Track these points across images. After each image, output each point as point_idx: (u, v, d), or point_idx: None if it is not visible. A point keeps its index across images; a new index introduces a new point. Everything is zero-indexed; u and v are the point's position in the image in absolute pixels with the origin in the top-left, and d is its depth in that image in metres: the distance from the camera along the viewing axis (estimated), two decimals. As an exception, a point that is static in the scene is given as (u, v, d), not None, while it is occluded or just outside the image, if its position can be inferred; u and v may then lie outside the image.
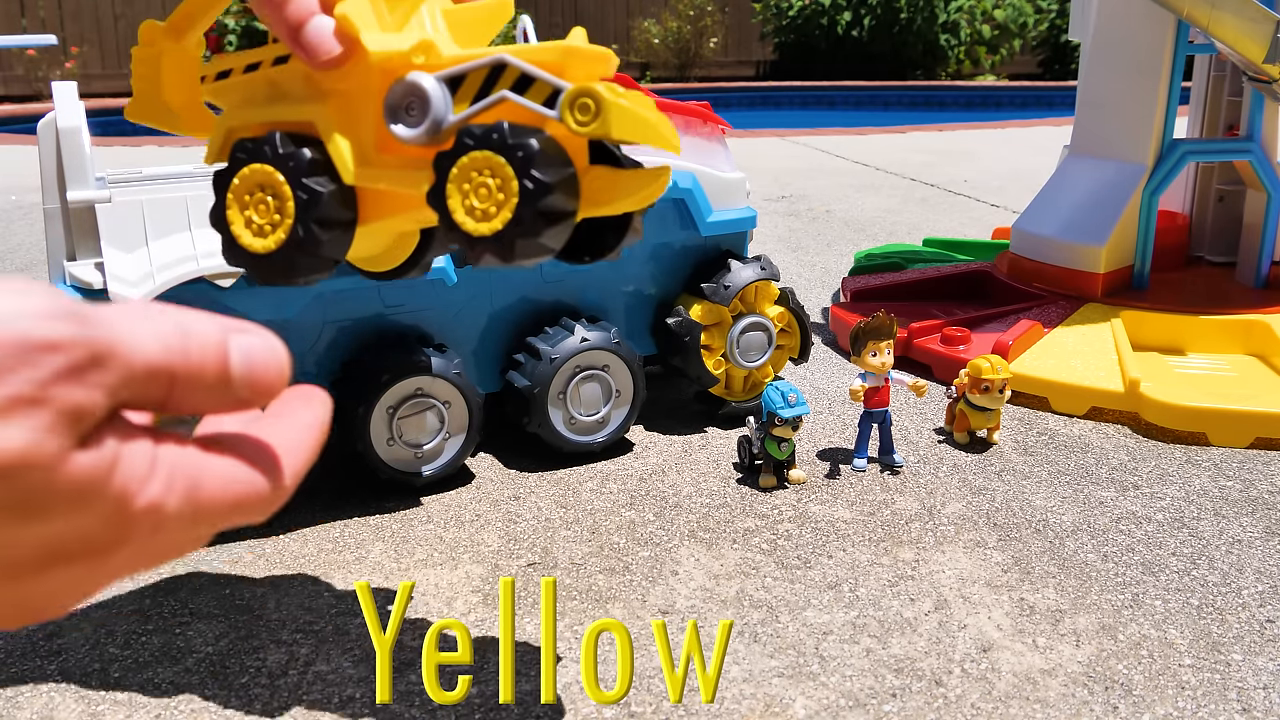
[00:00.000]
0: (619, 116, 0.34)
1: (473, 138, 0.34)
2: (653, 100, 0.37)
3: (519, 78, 0.35)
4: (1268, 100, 1.11)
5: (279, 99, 0.38)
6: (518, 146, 0.34)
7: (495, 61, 0.35)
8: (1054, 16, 7.08)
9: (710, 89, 6.13)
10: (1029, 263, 1.19)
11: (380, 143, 0.37)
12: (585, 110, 0.34)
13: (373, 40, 0.35)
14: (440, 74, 0.35)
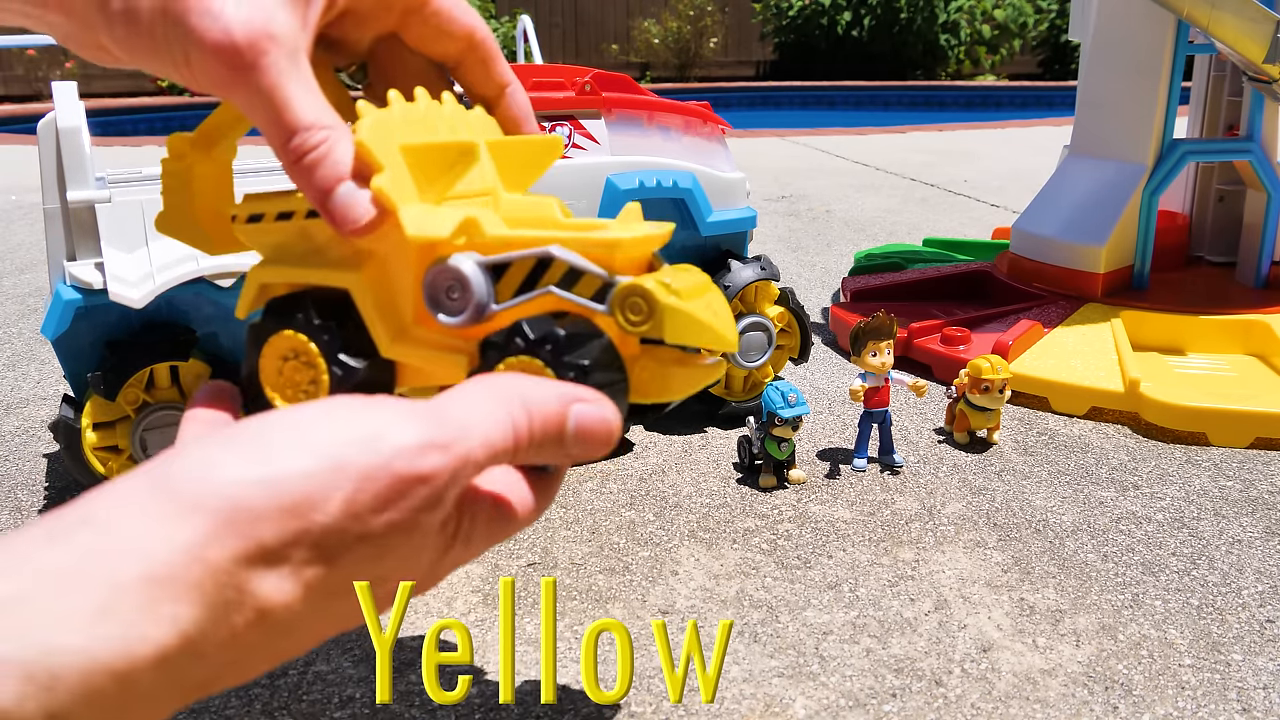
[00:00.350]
0: (673, 319, 0.32)
1: (525, 340, 0.32)
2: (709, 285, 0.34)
3: (567, 271, 0.33)
4: (1268, 100, 1.11)
5: (313, 256, 0.36)
6: (570, 366, 0.31)
7: (542, 255, 0.33)
8: (1054, 16, 7.08)
9: (710, 89, 6.13)
10: (1029, 263, 1.19)
11: (419, 314, 0.35)
12: (637, 310, 0.32)
13: (412, 219, 0.33)
14: (484, 260, 0.33)
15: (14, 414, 0.97)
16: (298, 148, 0.32)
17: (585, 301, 0.32)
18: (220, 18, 0.30)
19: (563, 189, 0.80)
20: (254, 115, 0.32)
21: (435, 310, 0.33)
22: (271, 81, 0.31)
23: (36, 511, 0.75)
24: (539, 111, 0.79)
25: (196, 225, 0.39)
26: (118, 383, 0.66)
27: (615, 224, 0.35)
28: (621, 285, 0.32)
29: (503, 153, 0.38)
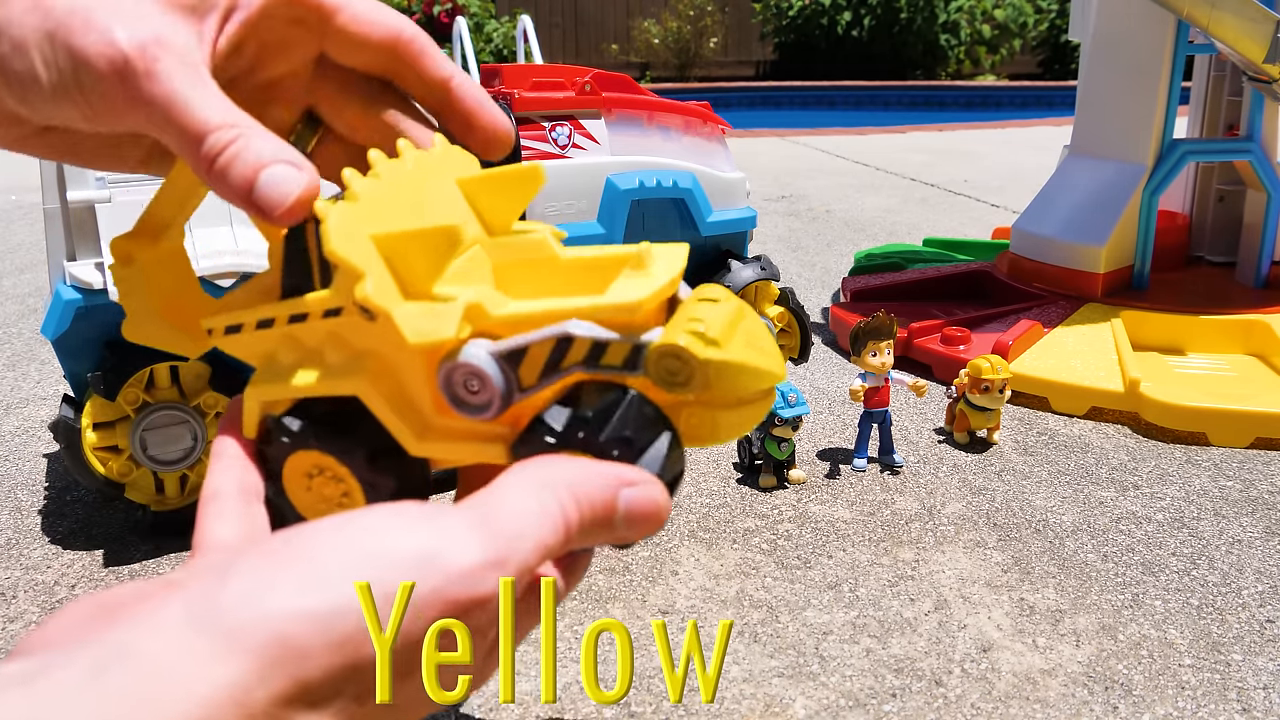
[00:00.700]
0: (719, 376, 0.29)
1: (554, 435, 0.30)
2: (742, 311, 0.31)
3: (591, 346, 0.30)
4: (1268, 100, 1.11)
5: (310, 365, 0.33)
6: (612, 444, 0.29)
7: (560, 335, 0.30)
8: (1054, 16, 7.08)
9: (710, 89, 6.13)
10: (1029, 263, 1.19)
11: (439, 404, 0.32)
12: (676, 371, 0.29)
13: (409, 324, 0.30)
14: (498, 349, 0.31)
15: (14, 414, 0.97)
16: (210, 150, 0.30)
17: (619, 371, 0.30)
18: (106, 32, 0.29)
19: (563, 189, 0.80)
20: (158, 128, 0.30)
21: (459, 408, 0.31)
22: (169, 87, 0.30)
23: (36, 511, 0.75)
24: (539, 112, 0.79)
25: (167, 326, 0.36)
26: (118, 383, 0.66)
27: (628, 269, 0.32)
28: (652, 348, 0.29)
29: (482, 189, 0.35)
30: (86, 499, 0.77)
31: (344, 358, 0.32)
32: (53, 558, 0.68)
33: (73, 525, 0.73)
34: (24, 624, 0.61)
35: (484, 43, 5.92)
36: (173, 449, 0.68)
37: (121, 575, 0.66)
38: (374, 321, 0.31)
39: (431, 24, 5.92)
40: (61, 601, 0.63)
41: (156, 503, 0.69)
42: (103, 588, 0.64)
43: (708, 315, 0.29)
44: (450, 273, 0.32)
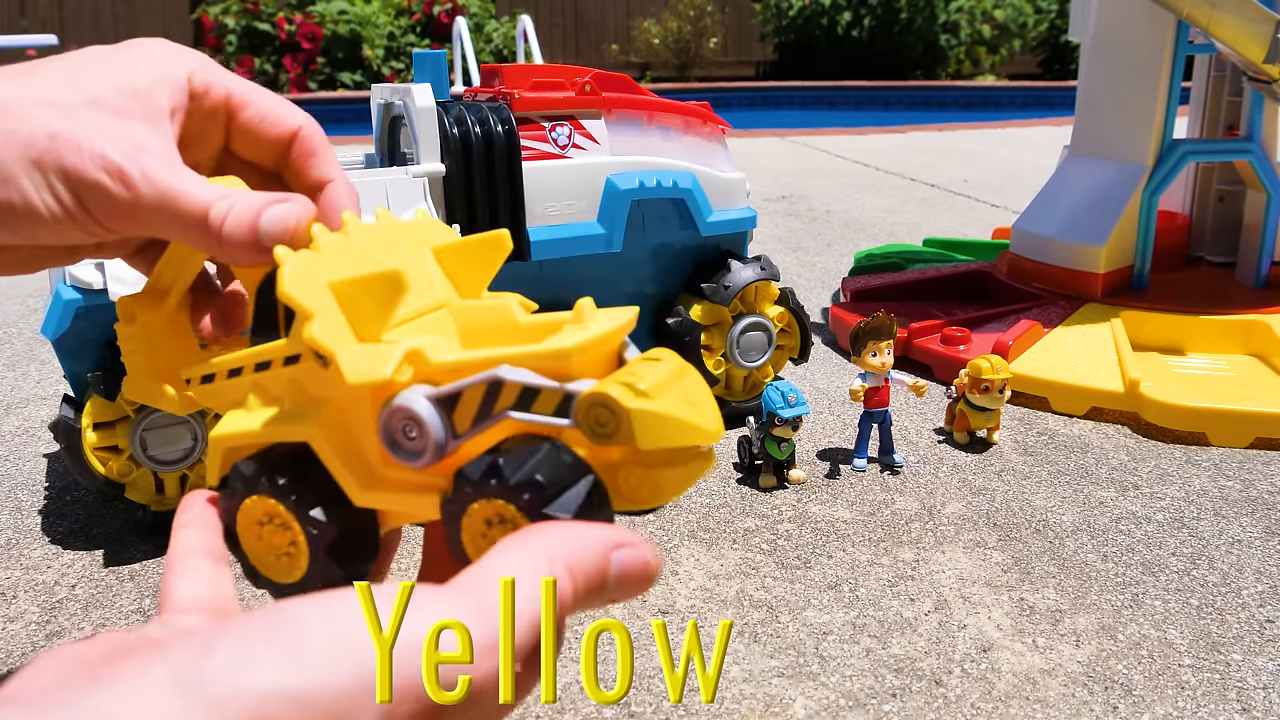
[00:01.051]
0: (642, 424, 0.29)
1: (470, 484, 0.30)
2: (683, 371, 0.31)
3: (520, 392, 0.30)
4: (1268, 100, 1.11)
5: (269, 411, 0.34)
6: (520, 488, 0.29)
7: (490, 379, 0.30)
8: (1054, 16, 7.08)
9: (710, 89, 6.13)
10: (1029, 263, 1.19)
11: (385, 456, 0.33)
12: (603, 421, 0.29)
13: (349, 363, 0.31)
14: (435, 393, 0.31)
15: (14, 414, 0.97)
16: (214, 223, 0.33)
17: (547, 420, 0.30)
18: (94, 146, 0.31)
19: (563, 189, 0.80)
20: (163, 222, 0.33)
21: (395, 452, 0.32)
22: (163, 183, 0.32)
23: (36, 511, 0.75)
24: (539, 112, 0.79)
25: (162, 387, 0.38)
26: (118, 383, 0.66)
27: (570, 324, 0.32)
28: (582, 396, 0.29)
29: (451, 257, 0.36)
30: (86, 499, 0.77)
31: (300, 405, 0.33)
32: (53, 558, 0.68)
33: (73, 525, 0.73)
34: (24, 624, 0.61)
35: (484, 43, 5.92)
36: (173, 449, 0.68)
37: (121, 575, 0.66)
38: (327, 369, 0.32)
39: (431, 24, 5.92)
40: (62, 601, 0.63)
41: (156, 503, 0.69)
42: (101, 588, 0.64)
43: (645, 370, 0.30)
44: (410, 328, 0.33)
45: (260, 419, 0.34)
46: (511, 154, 0.76)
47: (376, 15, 5.74)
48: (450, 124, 0.74)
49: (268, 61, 5.54)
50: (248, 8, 5.56)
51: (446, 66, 0.91)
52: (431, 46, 5.80)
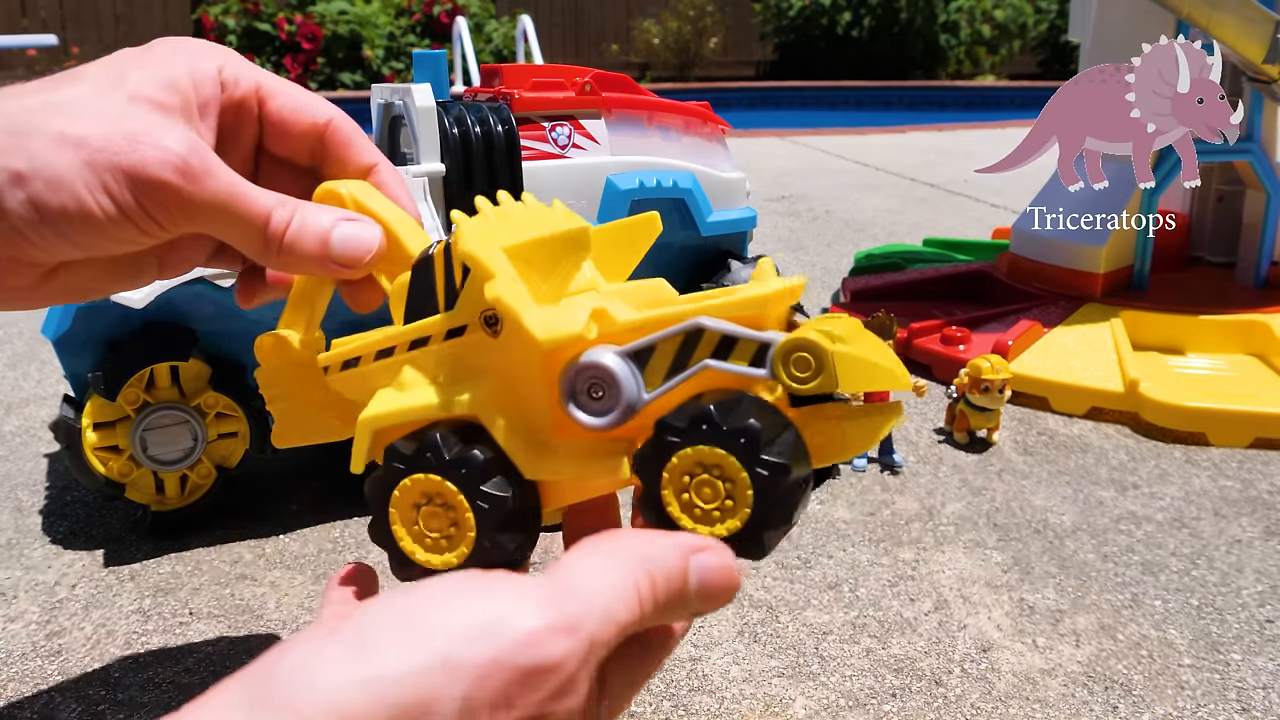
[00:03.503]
0: (845, 367, 0.29)
1: (677, 433, 0.29)
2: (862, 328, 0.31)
3: (720, 341, 0.30)
4: (1267, 100, 1.11)
5: (426, 389, 0.33)
6: (736, 432, 0.29)
7: (691, 328, 0.30)
8: (1054, 16, 7.08)
9: (710, 89, 6.13)
10: (1029, 263, 1.19)
11: (558, 424, 0.32)
12: (804, 366, 0.29)
13: (538, 322, 0.30)
14: (625, 349, 0.30)
15: (14, 414, 0.97)
16: (276, 227, 0.32)
17: (745, 369, 0.30)
18: (158, 143, 0.30)
19: (563, 189, 0.80)
20: (219, 221, 0.32)
21: (579, 414, 0.31)
22: (227, 178, 0.31)
23: (37, 511, 0.75)
24: (539, 112, 0.79)
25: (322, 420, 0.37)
26: (118, 383, 0.66)
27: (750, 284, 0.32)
28: (782, 343, 0.29)
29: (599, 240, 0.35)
30: (86, 499, 0.77)
31: (463, 379, 0.32)
32: (53, 558, 0.68)
33: (73, 525, 0.73)
34: (24, 624, 0.61)
35: (484, 43, 5.92)
36: (173, 449, 0.68)
37: (121, 575, 0.66)
38: (497, 337, 0.31)
39: (431, 24, 5.92)
40: (62, 601, 0.63)
41: (156, 503, 0.69)
42: (102, 588, 0.64)
43: (830, 323, 0.30)
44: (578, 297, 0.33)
45: (418, 397, 0.32)
46: (511, 154, 0.76)
47: (376, 15, 5.74)
48: (450, 124, 0.74)
49: (268, 62, 5.54)
50: (248, 8, 5.56)
51: (446, 66, 0.92)
52: (431, 46, 5.81)
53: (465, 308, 0.32)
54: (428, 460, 0.31)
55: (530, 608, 0.24)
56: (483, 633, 0.23)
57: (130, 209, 0.31)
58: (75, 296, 0.35)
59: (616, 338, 0.30)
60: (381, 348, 0.34)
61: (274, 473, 0.81)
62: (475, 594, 0.24)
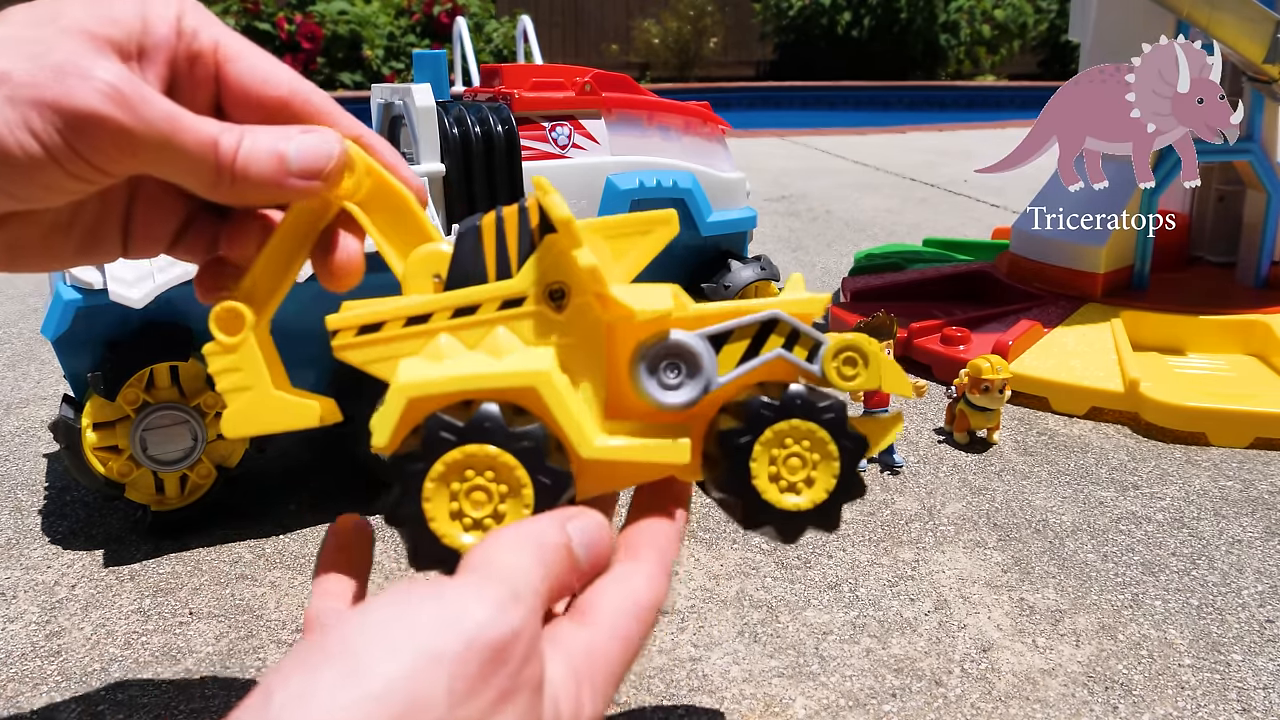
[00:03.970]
0: (887, 369, 0.34)
1: (769, 409, 0.32)
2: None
3: (790, 334, 0.34)
4: (1268, 100, 1.11)
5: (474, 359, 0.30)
6: (827, 409, 0.33)
7: (770, 318, 0.33)
8: (1054, 16, 7.08)
9: (710, 89, 6.13)
10: (1029, 263, 1.19)
11: (615, 404, 0.32)
12: (852, 364, 0.34)
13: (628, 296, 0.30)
14: (704, 331, 0.32)
15: (14, 414, 0.97)
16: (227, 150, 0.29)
17: (802, 363, 0.34)
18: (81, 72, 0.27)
19: (563, 189, 0.80)
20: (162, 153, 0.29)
21: (657, 392, 0.31)
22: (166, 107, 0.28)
23: (36, 511, 0.75)
24: (539, 112, 0.79)
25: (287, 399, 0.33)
26: (118, 383, 0.66)
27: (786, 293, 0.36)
28: (835, 341, 0.34)
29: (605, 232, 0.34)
30: (86, 499, 0.77)
31: (517, 353, 0.31)
32: (53, 558, 0.68)
33: (73, 525, 0.73)
34: (24, 624, 0.61)
35: (484, 43, 5.92)
36: (173, 449, 0.68)
37: (121, 575, 0.66)
38: (560, 312, 0.31)
39: (431, 24, 5.92)
40: (62, 601, 0.63)
41: (156, 503, 0.69)
42: (102, 588, 0.64)
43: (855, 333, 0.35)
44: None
45: (466, 366, 0.30)
46: (511, 154, 0.76)
47: (376, 15, 5.74)
48: (450, 124, 0.74)
49: (268, 61, 5.53)
50: (248, 8, 5.56)
51: (446, 66, 0.92)
52: (431, 46, 5.81)
53: (528, 277, 0.31)
54: (485, 431, 0.29)
55: (476, 595, 0.25)
56: (449, 625, 0.24)
57: (57, 149, 0.27)
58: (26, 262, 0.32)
59: (684, 324, 0.32)
60: (416, 313, 0.31)
61: (274, 473, 0.81)
62: (429, 595, 0.25)
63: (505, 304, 0.31)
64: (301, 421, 0.33)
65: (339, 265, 0.33)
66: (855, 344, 0.33)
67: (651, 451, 0.32)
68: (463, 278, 0.31)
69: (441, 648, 0.23)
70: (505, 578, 0.26)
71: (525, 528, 0.29)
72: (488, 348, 0.31)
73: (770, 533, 0.33)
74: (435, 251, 0.32)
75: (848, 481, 0.33)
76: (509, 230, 0.31)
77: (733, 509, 0.33)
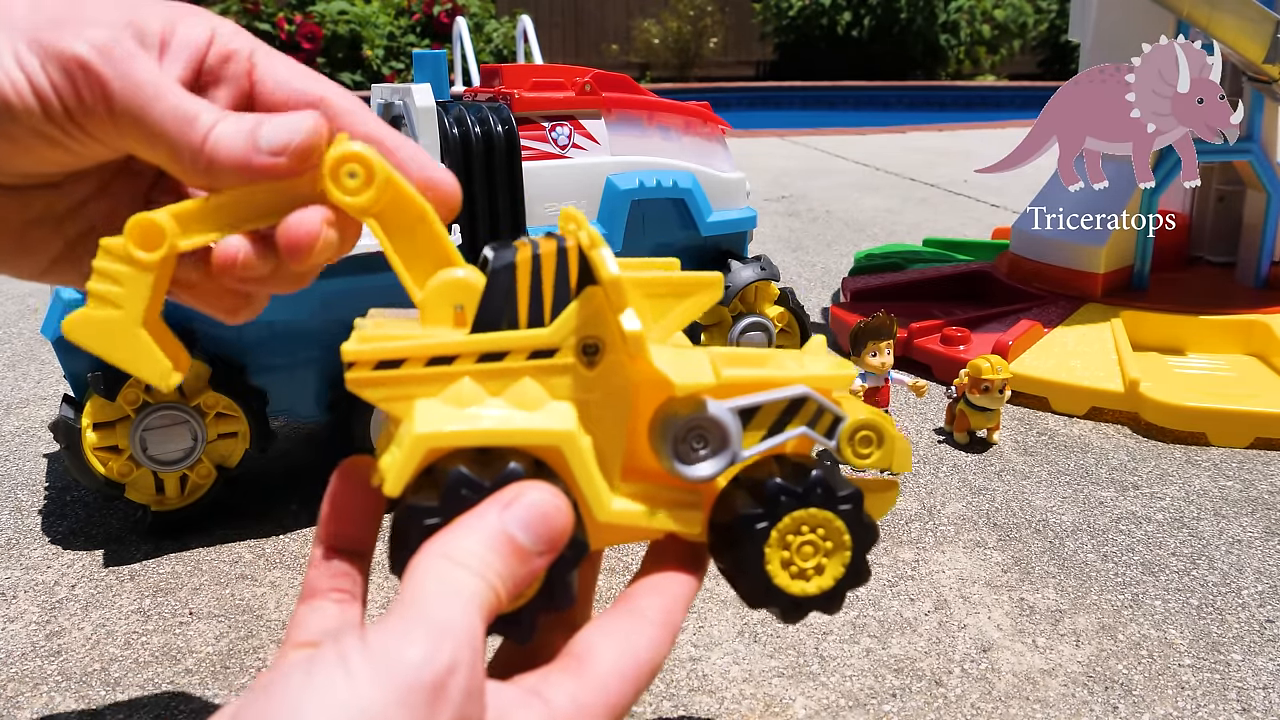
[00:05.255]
0: (900, 449, 0.34)
1: (790, 495, 0.32)
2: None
3: (816, 411, 0.33)
4: (1268, 100, 1.11)
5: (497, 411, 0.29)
6: (845, 499, 0.33)
7: (799, 396, 0.32)
8: (1054, 16, 7.09)
9: (710, 89, 6.13)
10: (1029, 263, 1.19)
11: (630, 468, 0.31)
12: (868, 443, 0.34)
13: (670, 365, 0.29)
14: (735, 404, 0.31)
15: (14, 414, 0.97)
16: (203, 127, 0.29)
17: (821, 439, 0.33)
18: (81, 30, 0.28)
19: (563, 189, 0.80)
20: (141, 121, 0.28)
21: (680, 465, 0.31)
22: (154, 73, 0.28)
23: (36, 511, 0.75)
24: (539, 112, 0.79)
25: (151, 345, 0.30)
26: (117, 383, 0.66)
27: (805, 357, 0.35)
28: (852, 420, 0.33)
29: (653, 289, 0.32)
30: (86, 499, 0.77)
31: (543, 407, 0.29)
32: (53, 558, 0.68)
33: (73, 525, 0.73)
34: (24, 624, 0.61)
35: (484, 43, 5.92)
36: (173, 449, 0.68)
37: (121, 575, 0.66)
38: (591, 369, 0.30)
39: (431, 24, 5.92)
40: (62, 601, 0.63)
41: (156, 503, 0.69)
42: (102, 588, 0.64)
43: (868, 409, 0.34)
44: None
45: (493, 420, 0.28)
46: (511, 154, 0.76)
47: (376, 15, 5.74)
48: (450, 124, 0.74)
49: (268, 61, 5.54)
50: (248, 8, 5.56)
51: (446, 66, 0.91)
52: (431, 46, 5.81)
53: (564, 330, 0.29)
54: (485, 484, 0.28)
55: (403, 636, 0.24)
56: (386, 671, 0.23)
57: (43, 89, 0.28)
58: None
59: (714, 391, 0.31)
60: (439, 354, 0.29)
61: (274, 473, 0.81)
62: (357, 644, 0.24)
63: (535, 354, 0.30)
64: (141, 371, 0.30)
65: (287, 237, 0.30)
66: (873, 424, 0.33)
67: (663, 521, 0.32)
68: (493, 321, 0.30)
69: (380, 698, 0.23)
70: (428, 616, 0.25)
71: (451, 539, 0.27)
72: (512, 397, 0.29)
73: (774, 613, 0.33)
74: (457, 280, 0.30)
75: (857, 569, 0.33)
76: (545, 273, 0.30)
77: (737, 583, 0.33)
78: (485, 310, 0.30)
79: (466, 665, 0.24)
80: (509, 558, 0.27)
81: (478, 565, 0.26)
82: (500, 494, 0.28)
